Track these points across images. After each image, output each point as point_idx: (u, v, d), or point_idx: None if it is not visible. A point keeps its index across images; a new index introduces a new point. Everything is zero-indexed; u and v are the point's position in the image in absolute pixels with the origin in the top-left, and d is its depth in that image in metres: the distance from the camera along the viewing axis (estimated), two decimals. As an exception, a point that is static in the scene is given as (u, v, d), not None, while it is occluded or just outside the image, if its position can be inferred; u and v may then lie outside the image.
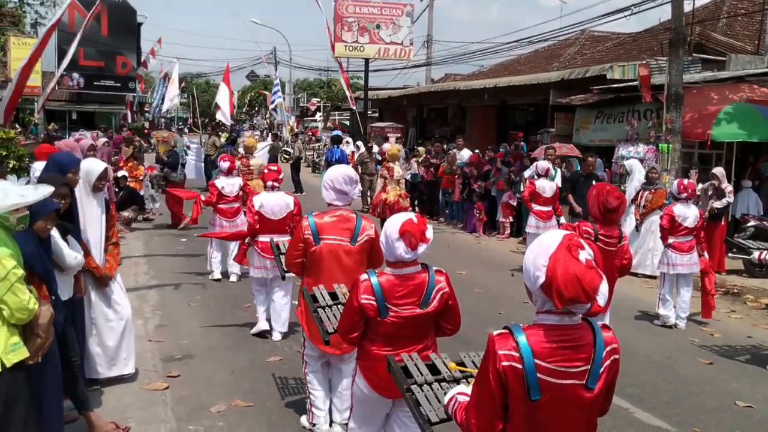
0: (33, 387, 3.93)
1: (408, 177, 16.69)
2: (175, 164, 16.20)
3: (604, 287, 2.35)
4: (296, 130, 34.63)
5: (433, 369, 3.15)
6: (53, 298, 4.23)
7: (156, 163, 17.53)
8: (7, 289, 3.53)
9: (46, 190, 3.89)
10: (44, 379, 4.06)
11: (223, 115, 22.21)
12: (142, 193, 15.22)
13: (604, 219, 5.84)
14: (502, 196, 14.70)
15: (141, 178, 15.31)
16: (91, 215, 5.34)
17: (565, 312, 2.38)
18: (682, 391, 6.21)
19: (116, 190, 12.72)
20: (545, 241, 2.42)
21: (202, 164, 19.52)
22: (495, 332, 2.45)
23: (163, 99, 35.47)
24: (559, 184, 12.30)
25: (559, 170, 12.53)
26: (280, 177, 7.17)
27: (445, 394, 2.89)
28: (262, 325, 7.15)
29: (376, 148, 19.66)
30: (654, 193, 10.79)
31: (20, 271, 3.60)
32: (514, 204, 14.36)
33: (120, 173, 13.80)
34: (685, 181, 8.42)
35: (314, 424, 4.97)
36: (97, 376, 5.48)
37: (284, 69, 46.28)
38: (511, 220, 14.65)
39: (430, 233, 3.51)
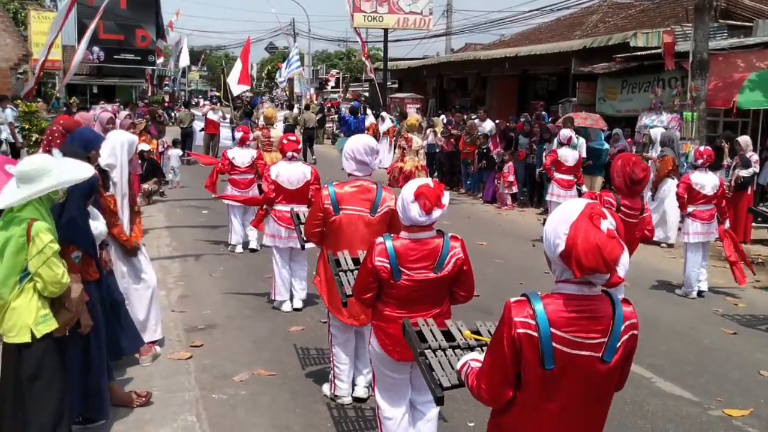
0: (78, 356, 4.16)
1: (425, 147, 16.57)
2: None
3: (625, 258, 2.30)
4: (315, 102, 34.53)
5: (448, 336, 3.16)
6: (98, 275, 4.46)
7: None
8: (42, 263, 3.61)
9: (85, 172, 3.94)
10: (89, 348, 4.25)
11: (234, 87, 22.66)
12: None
13: (629, 190, 5.77)
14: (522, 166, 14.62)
15: (161, 150, 15.41)
16: (123, 187, 5.43)
17: (584, 282, 2.34)
18: (706, 361, 6.17)
19: (139, 162, 12.79)
20: (567, 209, 2.38)
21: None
22: (512, 299, 2.43)
23: (184, 73, 36.12)
24: (584, 155, 12.22)
25: (583, 140, 12.42)
26: (299, 147, 7.15)
27: (459, 360, 2.89)
28: (285, 307, 7.16)
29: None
30: (661, 161, 10.70)
31: (56, 246, 3.68)
32: (512, 179, 14.41)
33: (143, 146, 13.85)
34: (701, 148, 8.28)
35: (336, 396, 5.02)
36: (132, 347, 5.42)
37: (303, 40, 46.03)
38: (515, 190, 14.61)
39: (446, 199, 3.51)
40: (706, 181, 8.00)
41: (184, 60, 36.85)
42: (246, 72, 25.32)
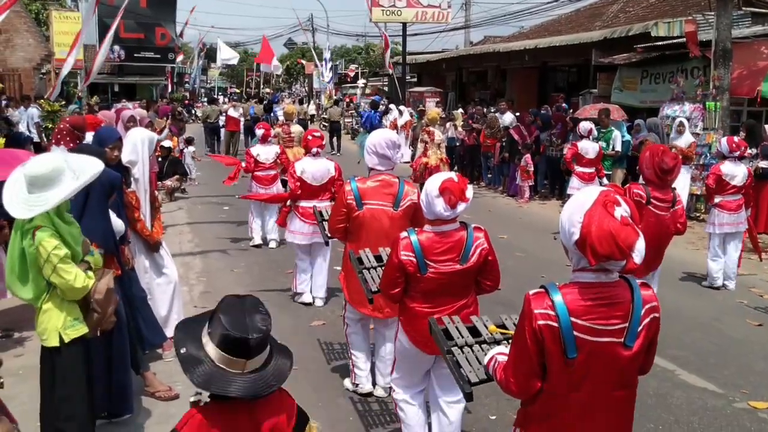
0: (105, 351, 4.19)
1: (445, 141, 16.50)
2: None
3: (640, 244, 2.31)
4: (334, 97, 34.61)
5: (474, 331, 3.17)
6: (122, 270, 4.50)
7: None
8: (51, 271, 3.51)
9: (95, 168, 3.74)
10: (112, 344, 4.30)
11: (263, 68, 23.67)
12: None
13: (660, 181, 5.71)
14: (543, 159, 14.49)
15: (181, 147, 15.54)
16: (145, 183, 5.49)
17: (600, 269, 2.36)
18: (730, 352, 6.11)
19: (160, 159, 12.89)
20: (581, 198, 2.41)
21: None
22: (531, 292, 2.44)
23: (204, 71, 36.53)
24: (618, 148, 12.13)
25: (618, 133, 12.35)
26: (324, 143, 7.18)
27: (485, 355, 2.91)
28: (306, 298, 7.19)
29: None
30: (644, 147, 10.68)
31: (62, 251, 3.52)
32: (531, 168, 14.29)
33: (166, 143, 13.96)
34: (736, 139, 8.19)
35: (357, 384, 5.04)
36: (155, 341, 5.46)
37: (321, 35, 46.10)
38: (531, 183, 14.50)
39: (470, 193, 3.52)
40: (738, 172, 7.93)
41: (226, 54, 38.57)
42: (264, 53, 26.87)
